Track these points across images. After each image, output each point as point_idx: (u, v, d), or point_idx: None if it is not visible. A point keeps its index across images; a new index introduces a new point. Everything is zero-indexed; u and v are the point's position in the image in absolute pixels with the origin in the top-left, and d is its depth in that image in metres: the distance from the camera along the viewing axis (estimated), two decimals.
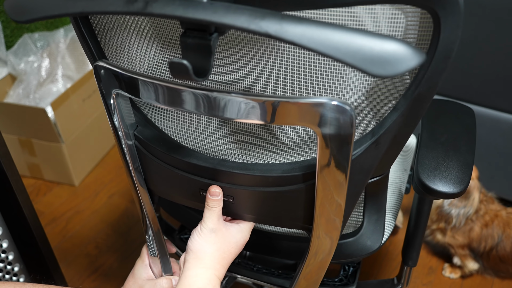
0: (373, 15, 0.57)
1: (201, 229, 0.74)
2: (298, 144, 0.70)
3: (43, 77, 2.06)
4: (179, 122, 0.77)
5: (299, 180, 0.68)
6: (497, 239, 1.46)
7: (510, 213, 1.49)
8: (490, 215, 1.48)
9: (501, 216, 1.48)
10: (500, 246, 1.46)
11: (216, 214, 0.74)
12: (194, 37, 0.53)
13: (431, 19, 0.55)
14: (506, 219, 1.47)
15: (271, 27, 0.46)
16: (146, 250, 0.91)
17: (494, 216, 1.48)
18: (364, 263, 1.63)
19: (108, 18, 0.71)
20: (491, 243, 1.47)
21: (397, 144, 0.69)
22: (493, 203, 1.52)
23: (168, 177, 0.78)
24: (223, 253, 0.74)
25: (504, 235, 1.45)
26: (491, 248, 1.48)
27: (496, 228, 1.47)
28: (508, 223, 1.46)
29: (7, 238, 1.21)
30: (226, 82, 0.68)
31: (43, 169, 2.01)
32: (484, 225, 1.48)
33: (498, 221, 1.47)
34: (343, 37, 0.45)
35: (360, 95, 0.63)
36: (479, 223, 1.48)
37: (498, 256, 1.47)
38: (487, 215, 1.48)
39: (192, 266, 0.73)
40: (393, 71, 0.44)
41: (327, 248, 0.76)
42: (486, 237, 1.48)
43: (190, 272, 0.72)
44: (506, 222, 1.47)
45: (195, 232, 0.75)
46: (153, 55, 0.71)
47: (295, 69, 0.62)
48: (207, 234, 0.74)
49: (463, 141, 0.92)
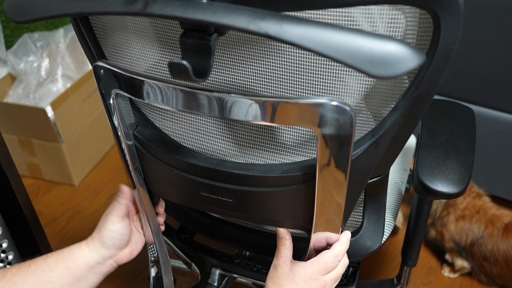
0: (369, 15, 0.56)
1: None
2: (298, 145, 0.70)
3: (43, 77, 2.06)
4: (179, 122, 0.77)
5: (298, 181, 0.68)
6: (477, 234, 1.46)
7: (498, 213, 1.48)
8: (471, 210, 1.48)
9: (484, 212, 1.47)
10: (481, 243, 1.46)
11: (281, 252, 0.77)
12: (193, 38, 0.52)
13: (431, 19, 0.55)
14: (491, 216, 1.46)
15: (271, 28, 0.46)
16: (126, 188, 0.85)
17: (475, 211, 1.48)
18: (363, 263, 1.63)
19: (107, 19, 0.71)
20: (472, 237, 1.46)
21: (397, 145, 0.69)
22: (479, 199, 1.51)
23: (168, 177, 0.78)
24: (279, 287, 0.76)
25: (486, 232, 1.44)
26: (472, 243, 1.47)
27: (476, 223, 1.46)
28: (492, 221, 1.45)
29: (6, 238, 1.21)
30: (226, 83, 0.68)
31: (43, 169, 2.00)
32: (461, 217, 1.48)
33: (480, 217, 1.47)
34: (343, 38, 0.45)
35: (359, 96, 0.63)
36: (455, 215, 1.49)
37: (481, 253, 1.47)
38: (466, 209, 1.48)
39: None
40: (393, 72, 0.44)
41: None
42: (465, 230, 1.47)
43: None
44: (489, 219, 1.46)
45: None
46: (153, 55, 0.71)
47: (295, 70, 0.62)
48: (271, 270, 0.78)
49: (463, 141, 0.92)
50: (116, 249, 0.82)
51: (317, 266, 0.75)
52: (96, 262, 0.81)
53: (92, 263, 0.80)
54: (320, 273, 0.75)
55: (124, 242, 0.82)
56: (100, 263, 0.81)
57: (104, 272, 0.82)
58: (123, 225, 0.82)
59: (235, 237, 0.99)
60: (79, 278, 0.79)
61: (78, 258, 0.80)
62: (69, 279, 0.79)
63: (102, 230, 0.81)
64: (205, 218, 1.02)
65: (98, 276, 0.82)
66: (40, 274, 0.77)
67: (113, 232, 0.81)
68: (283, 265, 0.76)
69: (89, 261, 0.80)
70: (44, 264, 0.78)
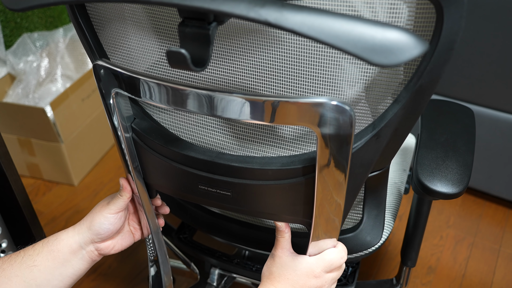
0: (370, 4, 0.56)
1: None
2: (298, 138, 0.69)
3: (42, 77, 2.05)
4: (177, 115, 0.76)
5: (298, 174, 0.67)
6: None
7: None
8: None
9: None
10: None
11: (280, 242, 0.76)
12: (192, 27, 0.52)
13: (433, 9, 0.54)
14: None
15: (271, 15, 0.45)
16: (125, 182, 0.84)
17: None
18: (363, 263, 1.63)
19: (105, 8, 0.70)
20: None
21: (397, 138, 0.68)
22: None
23: (166, 170, 0.77)
24: (277, 277, 0.75)
25: None
26: None
27: None
28: None
29: (6, 238, 1.20)
30: (225, 76, 0.67)
31: (42, 169, 2.00)
32: None
33: None
34: (344, 25, 0.44)
35: (361, 86, 0.62)
36: None
37: None
38: None
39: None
40: (396, 60, 0.43)
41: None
42: None
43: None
44: None
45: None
46: (152, 45, 0.70)
47: (296, 61, 0.62)
48: (268, 259, 0.78)
49: (463, 141, 0.91)
50: (99, 236, 0.81)
51: (322, 262, 0.74)
52: (78, 246, 0.81)
53: (74, 246, 0.80)
54: (324, 270, 0.74)
55: (110, 232, 0.82)
56: (82, 247, 0.81)
57: (87, 258, 0.82)
58: (118, 216, 0.82)
59: (235, 232, 0.98)
60: (62, 261, 0.79)
61: (61, 241, 0.80)
62: (53, 262, 0.79)
63: (96, 215, 0.81)
64: (204, 213, 1.01)
65: (82, 262, 0.82)
66: (27, 259, 0.78)
67: (105, 218, 0.81)
68: (282, 256, 0.75)
69: (71, 244, 0.80)
70: (32, 249, 0.79)
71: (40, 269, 0.78)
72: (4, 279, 0.76)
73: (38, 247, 0.79)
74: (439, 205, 1.85)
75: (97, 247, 0.82)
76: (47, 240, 0.80)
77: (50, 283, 0.79)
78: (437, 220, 1.79)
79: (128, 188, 0.82)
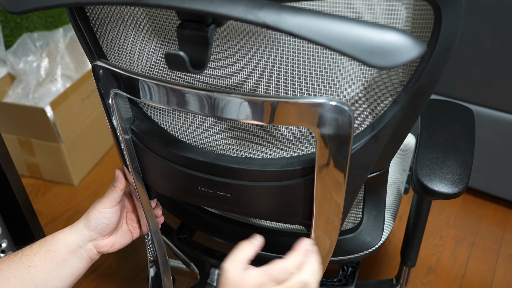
0: (369, 6, 0.56)
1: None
2: (297, 139, 0.69)
3: (42, 77, 2.05)
4: (176, 116, 0.76)
5: (297, 175, 0.68)
6: None
7: None
8: None
9: None
10: None
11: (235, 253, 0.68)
12: (191, 29, 0.52)
13: (431, 10, 0.54)
14: None
15: (269, 17, 0.45)
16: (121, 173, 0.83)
17: None
18: (363, 263, 1.63)
19: (104, 11, 0.70)
20: None
21: (397, 139, 0.68)
22: None
23: (166, 171, 0.77)
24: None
25: None
26: None
27: None
28: None
29: (6, 238, 1.21)
30: (223, 77, 0.67)
31: (42, 169, 2.00)
32: None
33: None
34: (342, 27, 0.44)
35: (359, 87, 0.62)
36: None
37: None
38: None
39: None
40: (393, 62, 0.43)
41: (326, 248, 0.75)
42: None
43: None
44: None
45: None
46: (151, 47, 0.70)
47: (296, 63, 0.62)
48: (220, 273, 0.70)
49: (462, 141, 0.91)
50: (98, 233, 0.81)
51: (263, 276, 0.65)
52: (76, 245, 0.80)
53: (72, 245, 0.80)
54: (269, 285, 0.65)
55: (108, 228, 0.82)
56: (80, 246, 0.81)
57: (86, 257, 0.82)
58: (113, 210, 0.81)
59: (234, 233, 0.98)
60: (60, 261, 0.79)
61: (58, 240, 0.80)
62: (51, 263, 0.79)
63: (91, 210, 0.81)
64: (203, 214, 1.01)
65: (80, 261, 0.81)
66: (25, 259, 0.78)
67: (100, 213, 0.80)
68: (230, 270, 0.66)
69: (69, 243, 0.80)
70: (29, 249, 0.79)
71: (38, 269, 0.78)
72: (2, 279, 0.76)
73: (35, 247, 0.79)
74: (439, 205, 1.85)
75: (96, 245, 0.82)
76: (45, 240, 0.80)
77: (48, 283, 0.79)
78: (437, 220, 1.79)
79: (122, 179, 0.82)
